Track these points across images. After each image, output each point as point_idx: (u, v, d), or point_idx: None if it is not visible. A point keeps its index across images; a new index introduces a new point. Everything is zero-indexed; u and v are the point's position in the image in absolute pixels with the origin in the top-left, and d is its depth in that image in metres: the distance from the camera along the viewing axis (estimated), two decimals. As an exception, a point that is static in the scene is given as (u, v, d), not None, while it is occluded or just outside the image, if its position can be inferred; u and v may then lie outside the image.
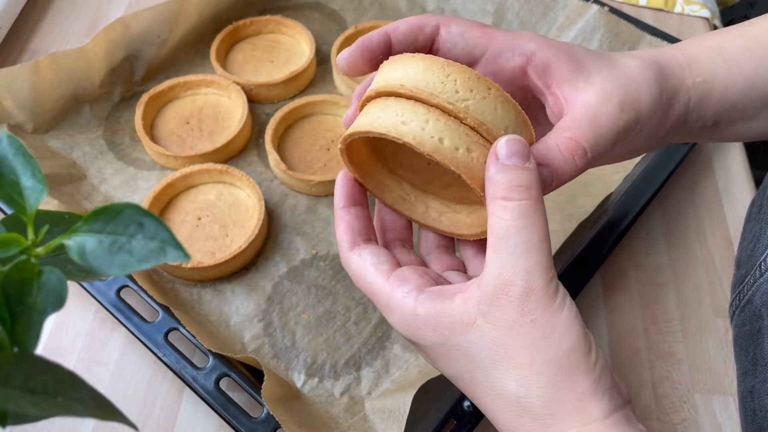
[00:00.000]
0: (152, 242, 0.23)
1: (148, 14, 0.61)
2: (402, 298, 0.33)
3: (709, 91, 0.38)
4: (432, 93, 0.31)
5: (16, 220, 0.26)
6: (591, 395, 0.30)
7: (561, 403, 0.30)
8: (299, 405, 0.45)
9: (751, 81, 0.38)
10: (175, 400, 0.47)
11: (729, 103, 0.38)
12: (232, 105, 0.62)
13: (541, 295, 0.30)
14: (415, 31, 0.35)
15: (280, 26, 0.68)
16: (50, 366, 0.22)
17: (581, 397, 0.30)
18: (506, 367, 0.31)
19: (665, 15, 0.75)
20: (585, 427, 0.30)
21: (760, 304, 0.41)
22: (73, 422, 0.46)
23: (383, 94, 0.32)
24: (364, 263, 0.34)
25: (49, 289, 0.23)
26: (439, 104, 0.30)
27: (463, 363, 0.32)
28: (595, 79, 0.35)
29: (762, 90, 0.38)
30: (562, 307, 0.30)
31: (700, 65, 0.38)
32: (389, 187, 0.37)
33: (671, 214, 0.58)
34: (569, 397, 0.30)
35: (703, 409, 0.48)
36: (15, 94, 0.56)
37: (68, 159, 0.58)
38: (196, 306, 0.51)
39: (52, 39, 0.70)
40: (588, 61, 0.35)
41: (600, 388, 0.30)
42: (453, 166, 0.30)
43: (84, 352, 0.49)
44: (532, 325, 0.30)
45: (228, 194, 0.56)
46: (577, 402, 0.30)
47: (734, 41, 0.38)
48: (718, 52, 0.38)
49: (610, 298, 0.53)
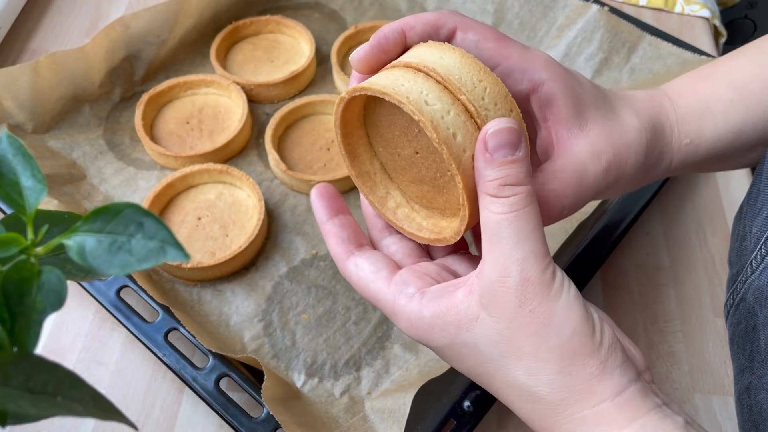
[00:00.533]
0: (152, 242, 0.23)
1: (148, 14, 0.61)
2: (406, 303, 0.33)
3: (695, 149, 0.39)
4: (460, 88, 0.30)
5: (15, 219, 0.27)
6: (599, 375, 0.30)
7: (570, 388, 0.30)
8: (299, 405, 0.45)
9: (738, 131, 0.39)
10: (175, 400, 0.47)
11: (714, 155, 0.39)
12: (232, 105, 0.62)
13: (537, 284, 0.30)
14: (430, 32, 0.34)
15: (280, 26, 0.68)
16: (50, 366, 0.21)
17: (590, 379, 0.30)
18: (513, 359, 0.31)
19: (665, 15, 0.75)
20: (597, 407, 0.30)
21: (753, 302, 0.42)
22: (73, 422, 0.46)
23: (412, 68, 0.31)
24: (363, 273, 0.35)
25: (48, 288, 0.23)
26: (464, 101, 0.30)
27: (474, 358, 0.32)
28: (591, 130, 0.35)
29: (748, 138, 0.39)
30: (560, 292, 0.30)
31: (689, 125, 0.38)
32: (361, 159, 0.37)
33: (671, 214, 0.58)
34: (578, 380, 0.30)
35: (703, 409, 0.48)
36: (15, 94, 0.56)
37: (68, 159, 0.58)
38: (196, 306, 0.51)
39: (52, 39, 0.70)
40: (590, 109, 0.35)
41: (608, 366, 0.30)
42: (456, 163, 0.30)
43: (84, 351, 0.49)
44: (532, 315, 0.30)
45: (228, 194, 0.56)
46: (587, 384, 0.30)
47: (724, 93, 0.39)
48: (707, 106, 0.39)
49: (610, 298, 0.53)
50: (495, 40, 0.34)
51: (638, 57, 0.64)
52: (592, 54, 0.65)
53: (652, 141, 0.37)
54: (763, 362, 0.41)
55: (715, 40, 0.75)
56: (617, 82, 0.64)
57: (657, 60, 0.63)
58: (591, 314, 0.31)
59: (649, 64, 0.64)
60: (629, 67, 0.64)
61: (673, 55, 0.63)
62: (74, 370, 0.22)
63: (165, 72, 0.65)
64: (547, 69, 0.34)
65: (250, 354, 0.48)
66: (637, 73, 0.64)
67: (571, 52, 0.66)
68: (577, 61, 0.65)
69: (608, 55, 0.64)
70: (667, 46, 0.63)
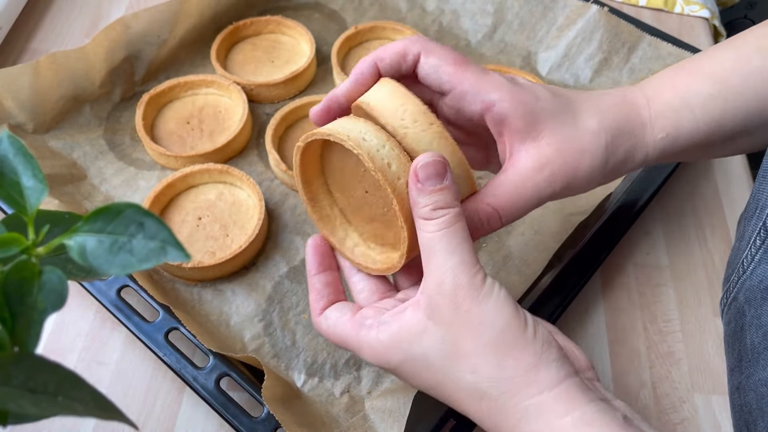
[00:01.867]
0: (153, 242, 0.24)
1: (148, 14, 0.61)
2: (366, 333, 0.36)
3: (672, 142, 0.40)
4: (383, 114, 0.36)
5: (16, 219, 0.27)
6: (536, 366, 0.33)
7: (510, 380, 0.33)
8: (299, 404, 0.45)
9: (718, 123, 0.40)
10: (176, 400, 0.47)
11: (694, 145, 0.41)
12: (233, 105, 0.62)
13: (468, 288, 0.33)
14: (399, 60, 0.39)
15: (280, 26, 0.68)
16: (51, 366, 0.22)
17: (527, 371, 0.33)
18: (457, 359, 0.34)
19: (665, 15, 0.75)
20: (535, 398, 0.33)
21: (743, 301, 0.42)
22: (74, 422, 0.46)
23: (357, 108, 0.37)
24: (330, 321, 0.38)
25: (49, 288, 0.23)
26: (384, 125, 0.35)
27: (426, 370, 0.35)
28: (543, 140, 0.38)
29: (729, 128, 0.40)
30: (490, 293, 0.34)
31: (665, 120, 0.40)
32: (321, 204, 0.41)
33: (671, 214, 0.58)
34: (515, 372, 0.33)
35: (703, 408, 0.48)
36: (15, 94, 0.56)
37: (69, 159, 0.58)
38: (197, 306, 0.51)
39: (53, 39, 0.70)
40: (546, 120, 0.38)
41: (543, 360, 0.33)
42: (391, 189, 0.34)
43: (84, 351, 0.49)
44: (467, 315, 0.33)
45: (228, 194, 0.56)
46: (524, 376, 0.33)
47: (702, 87, 0.40)
48: (685, 102, 0.40)
49: (609, 297, 0.53)
50: (454, 65, 0.38)
51: (638, 57, 0.64)
52: (592, 54, 0.65)
53: (614, 141, 0.39)
54: (749, 362, 0.41)
55: (715, 40, 0.75)
56: (617, 82, 0.64)
57: (656, 60, 0.64)
58: (522, 312, 0.34)
59: (649, 65, 0.64)
60: (629, 67, 0.64)
61: (673, 56, 0.63)
62: (75, 370, 0.22)
63: (165, 72, 0.65)
64: (498, 90, 0.38)
65: (250, 353, 0.48)
66: (636, 73, 0.64)
67: (571, 52, 0.66)
68: (576, 61, 0.65)
69: (608, 55, 0.65)
70: (667, 46, 0.63)
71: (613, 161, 0.39)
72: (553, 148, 0.38)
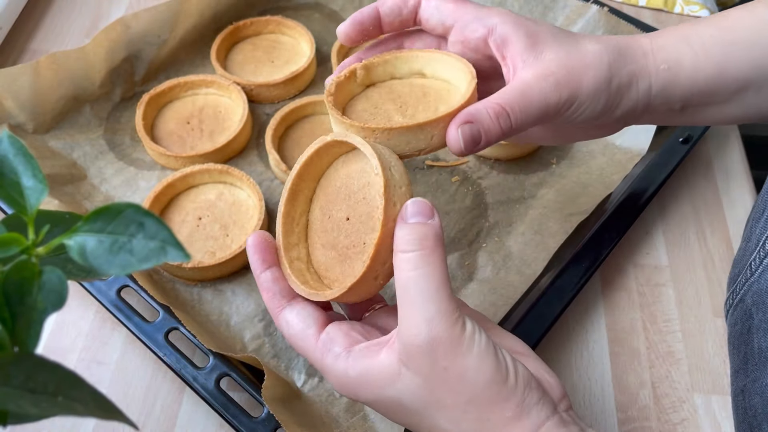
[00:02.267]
0: (153, 242, 0.24)
1: (148, 14, 0.61)
2: (333, 362, 0.35)
3: (674, 77, 0.40)
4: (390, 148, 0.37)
5: (16, 219, 0.27)
6: (517, 417, 0.32)
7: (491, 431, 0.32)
8: (299, 404, 0.45)
9: (721, 67, 0.39)
10: (176, 400, 0.47)
11: (697, 89, 0.40)
12: (233, 105, 0.62)
13: (447, 342, 0.32)
14: (400, 5, 0.41)
15: (280, 26, 0.68)
16: (51, 366, 0.22)
17: (508, 422, 0.32)
18: (434, 409, 0.33)
19: (665, 15, 0.75)
20: None
21: (750, 303, 0.42)
22: (74, 422, 0.46)
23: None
24: (293, 331, 0.36)
25: (49, 288, 0.23)
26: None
27: (400, 411, 0.34)
28: (545, 57, 0.38)
29: (733, 76, 0.40)
30: (471, 347, 0.32)
31: (666, 52, 0.40)
32: (296, 204, 0.40)
33: (671, 214, 0.58)
34: (496, 425, 0.32)
35: (703, 408, 0.48)
36: (15, 94, 0.56)
37: (69, 159, 0.58)
38: (197, 306, 0.51)
39: (53, 39, 0.70)
40: (547, 40, 0.38)
41: (525, 407, 0.32)
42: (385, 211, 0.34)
43: (84, 351, 0.49)
44: (446, 372, 0.32)
45: (228, 194, 0.56)
46: (505, 427, 0.32)
47: (705, 30, 0.40)
48: (685, 39, 0.40)
49: (609, 297, 0.53)
50: (453, 2, 0.40)
51: (638, 57, 0.64)
52: (592, 54, 0.65)
53: (617, 60, 0.39)
54: (756, 365, 0.41)
55: (715, 40, 0.75)
56: (617, 82, 0.64)
57: (657, 60, 0.63)
58: (503, 360, 0.33)
59: (649, 64, 0.64)
60: (629, 67, 0.64)
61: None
62: (75, 370, 0.22)
63: (165, 72, 0.65)
64: (499, 15, 0.39)
65: (250, 353, 0.48)
66: (636, 73, 0.64)
67: (571, 52, 0.66)
68: (576, 61, 0.65)
69: (608, 55, 0.65)
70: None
71: (616, 81, 0.39)
72: (555, 63, 0.38)
